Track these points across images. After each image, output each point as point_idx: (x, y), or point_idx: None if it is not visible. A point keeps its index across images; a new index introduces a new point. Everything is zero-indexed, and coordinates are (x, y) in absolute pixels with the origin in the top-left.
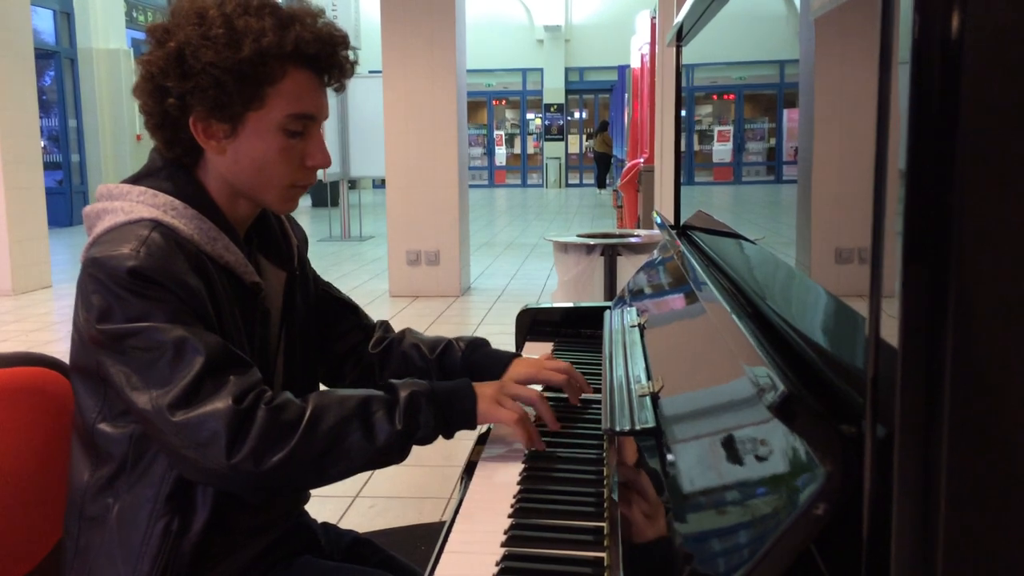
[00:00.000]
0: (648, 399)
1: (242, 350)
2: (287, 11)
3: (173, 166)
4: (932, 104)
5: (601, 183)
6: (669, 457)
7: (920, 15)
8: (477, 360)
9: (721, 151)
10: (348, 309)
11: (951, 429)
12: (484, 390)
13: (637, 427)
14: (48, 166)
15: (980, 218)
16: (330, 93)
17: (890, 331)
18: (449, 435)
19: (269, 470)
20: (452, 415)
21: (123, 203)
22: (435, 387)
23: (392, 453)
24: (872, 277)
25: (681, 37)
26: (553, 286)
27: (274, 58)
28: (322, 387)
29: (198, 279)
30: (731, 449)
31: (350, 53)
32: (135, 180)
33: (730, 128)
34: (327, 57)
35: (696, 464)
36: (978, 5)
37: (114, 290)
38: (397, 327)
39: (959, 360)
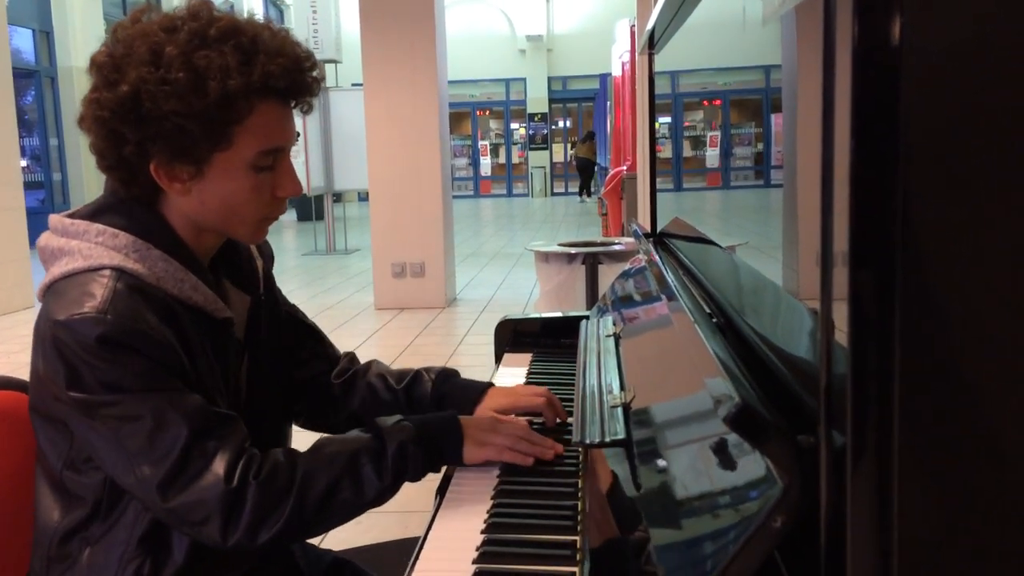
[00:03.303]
0: (619, 410)
1: (216, 388)
2: (248, 37)
3: (133, 200)
4: (873, 109)
5: (583, 191)
6: (638, 469)
7: (860, 20)
8: (448, 391)
9: (709, 156)
10: (312, 336)
11: (902, 433)
12: (472, 431)
13: (607, 439)
14: (30, 185)
15: (923, 220)
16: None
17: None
18: (437, 471)
19: (264, 542)
20: (440, 457)
21: (81, 244)
22: (422, 429)
23: (382, 500)
24: (822, 283)
25: (653, 44)
26: (538, 295)
27: (241, 97)
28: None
29: (168, 330)
30: (696, 462)
31: (316, 72)
32: (92, 215)
33: (717, 133)
34: (295, 84)
35: (663, 477)
36: (917, 10)
37: (83, 357)
38: (383, 339)
39: (909, 363)
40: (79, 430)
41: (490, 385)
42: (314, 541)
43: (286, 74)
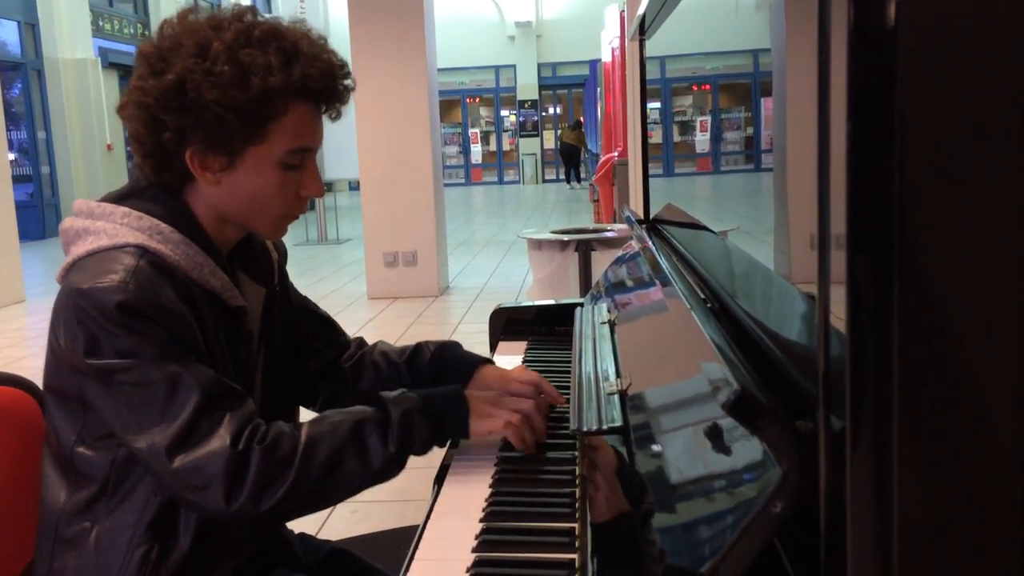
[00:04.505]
0: (616, 397)
1: (227, 375)
2: (289, 40)
3: (159, 187)
4: (869, 91)
5: (569, 177)
6: (636, 456)
7: (855, 2)
8: (445, 361)
9: (698, 141)
10: (325, 325)
11: (901, 417)
12: (477, 403)
13: (604, 426)
14: (19, 179)
15: (921, 203)
16: None
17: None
18: (443, 445)
19: (267, 510)
20: (446, 427)
21: (106, 224)
22: (427, 399)
23: (389, 472)
24: (820, 268)
25: (644, 30)
26: (531, 283)
27: (279, 95)
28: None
29: (185, 308)
30: (694, 448)
31: (349, 82)
32: (118, 199)
33: (707, 118)
34: (330, 90)
35: (662, 463)
36: None
37: (102, 324)
38: (377, 328)
39: (907, 348)
40: (94, 398)
41: (486, 361)
42: (312, 531)
43: (323, 78)
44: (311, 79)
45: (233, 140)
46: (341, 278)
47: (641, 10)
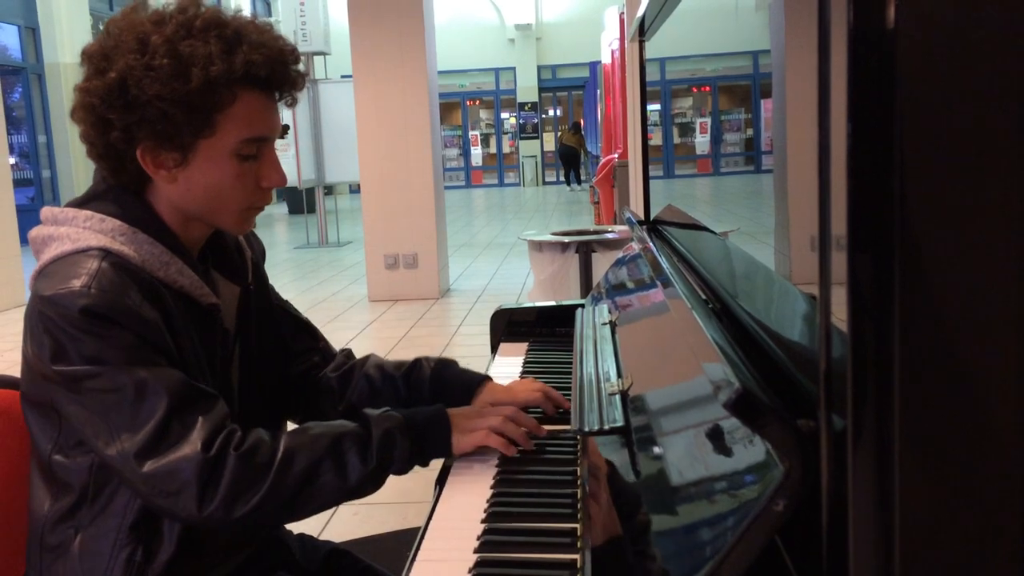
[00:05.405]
0: (617, 397)
1: (202, 374)
2: (232, 29)
3: (120, 188)
4: (869, 91)
5: (569, 179)
6: (638, 456)
7: (854, 2)
8: (446, 379)
9: (698, 143)
10: (304, 329)
11: (903, 416)
12: (459, 420)
13: (606, 426)
14: (20, 183)
15: (921, 202)
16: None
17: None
18: (424, 464)
19: (240, 517)
20: (427, 447)
21: (69, 229)
22: (409, 419)
23: (365, 490)
24: (821, 268)
25: (643, 32)
26: (532, 285)
27: (223, 85)
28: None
29: (152, 309)
30: (696, 447)
31: (300, 66)
32: (81, 204)
33: (707, 120)
34: (278, 76)
35: (664, 463)
36: None
37: (67, 330)
38: (378, 331)
39: (908, 347)
40: (64, 406)
41: (487, 378)
42: (312, 532)
43: (268, 64)
44: (255, 66)
45: (181, 134)
46: (342, 281)
47: (640, 12)
